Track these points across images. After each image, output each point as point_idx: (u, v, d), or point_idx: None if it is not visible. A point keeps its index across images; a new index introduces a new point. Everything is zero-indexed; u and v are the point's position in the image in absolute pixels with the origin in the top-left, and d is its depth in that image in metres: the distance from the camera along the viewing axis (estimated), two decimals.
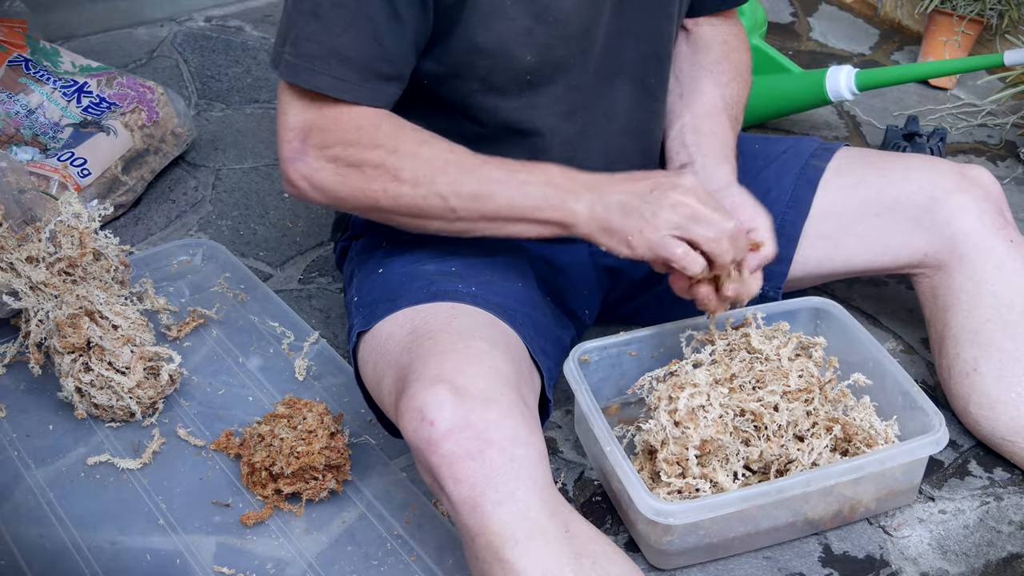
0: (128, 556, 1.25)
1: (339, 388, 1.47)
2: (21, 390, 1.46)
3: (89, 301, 1.39)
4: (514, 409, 1.08)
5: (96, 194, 1.78)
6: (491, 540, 1.03)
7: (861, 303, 1.71)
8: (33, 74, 1.88)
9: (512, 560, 1.03)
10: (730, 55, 1.45)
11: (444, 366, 1.10)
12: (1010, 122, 2.15)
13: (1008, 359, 1.36)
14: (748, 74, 1.47)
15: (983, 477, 1.43)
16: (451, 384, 1.07)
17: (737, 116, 1.42)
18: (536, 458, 1.07)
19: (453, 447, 1.04)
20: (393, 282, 1.29)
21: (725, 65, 1.43)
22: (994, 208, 1.39)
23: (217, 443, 1.38)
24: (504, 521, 1.03)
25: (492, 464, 1.04)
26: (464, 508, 1.04)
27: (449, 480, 1.04)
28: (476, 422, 1.05)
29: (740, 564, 1.30)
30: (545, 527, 1.04)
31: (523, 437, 1.06)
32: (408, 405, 1.08)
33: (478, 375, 1.09)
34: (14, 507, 1.30)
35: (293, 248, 1.81)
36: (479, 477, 1.04)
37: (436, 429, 1.05)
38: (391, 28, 1.18)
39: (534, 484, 1.05)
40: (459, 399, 1.06)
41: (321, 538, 1.28)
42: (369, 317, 1.26)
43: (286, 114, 1.22)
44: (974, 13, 2.20)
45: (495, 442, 1.05)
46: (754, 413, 1.26)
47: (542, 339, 1.29)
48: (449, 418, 1.05)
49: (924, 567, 1.31)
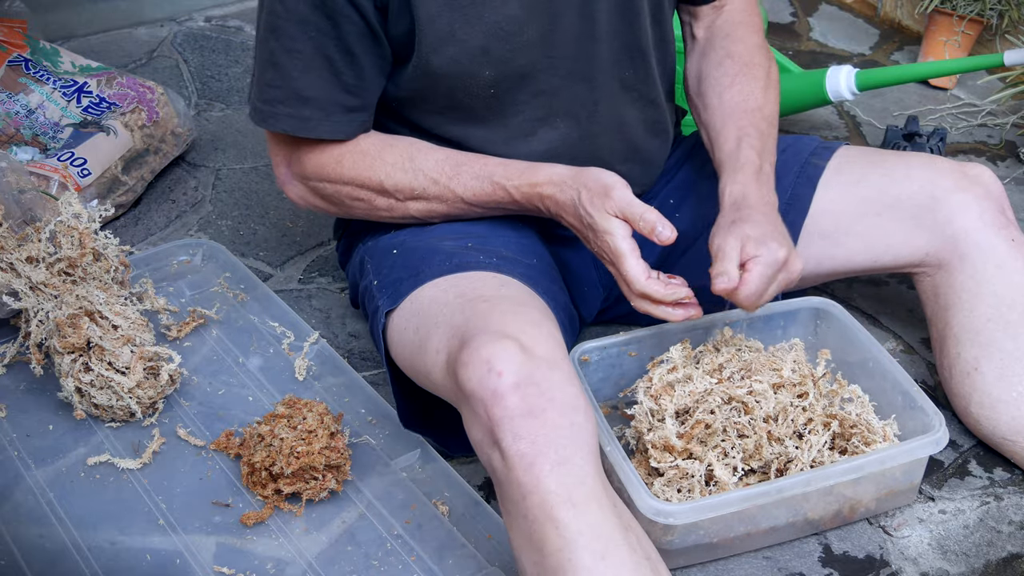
0: (128, 556, 1.25)
1: (339, 388, 1.47)
2: (21, 390, 1.46)
3: (89, 301, 1.39)
4: (574, 377, 1.10)
5: (96, 194, 1.78)
6: (545, 499, 1.03)
7: (861, 303, 1.71)
8: (33, 74, 1.88)
9: (567, 521, 1.03)
10: (731, 49, 1.43)
11: (508, 324, 1.11)
12: (1010, 122, 2.15)
13: (1009, 359, 1.36)
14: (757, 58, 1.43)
15: (983, 477, 1.43)
16: (518, 341, 1.08)
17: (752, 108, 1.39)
18: (593, 428, 1.08)
19: (518, 401, 1.05)
20: (413, 259, 1.31)
21: (727, 65, 1.42)
22: (995, 207, 1.39)
23: (217, 443, 1.38)
24: (561, 483, 1.03)
25: (553, 424, 1.05)
26: (520, 464, 1.04)
27: (508, 434, 1.05)
28: (541, 380, 1.06)
29: (740, 564, 1.30)
30: (600, 495, 1.05)
31: (582, 405, 1.08)
32: (474, 355, 1.08)
33: (540, 338, 1.11)
34: (14, 507, 1.30)
35: (293, 248, 1.81)
36: (540, 436, 1.04)
37: (503, 380, 1.06)
38: (347, 63, 1.25)
39: (590, 452, 1.06)
40: (526, 356, 1.07)
41: (321, 538, 1.28)
42: (395, 295, 1.28)
43: (271, 145, 1.36)
44: (974, 13, 2.19)
45: (557, 403, 1.06)
46: (743, 402, 1.27)
47: (563, 313, 1.31)
48: (517, 372, 1.06)
49: (924, 567, 1.31)
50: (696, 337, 1.42)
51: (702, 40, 1.46)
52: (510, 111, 1.32)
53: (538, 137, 1.34)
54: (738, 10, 1.46)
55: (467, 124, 1.32)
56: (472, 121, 1.32)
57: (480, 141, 1.33)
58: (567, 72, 1.31)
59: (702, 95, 1.43)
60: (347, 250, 1.52)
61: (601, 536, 1.03)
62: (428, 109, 1.33)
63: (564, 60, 1.30)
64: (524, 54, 1.27)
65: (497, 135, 1.33)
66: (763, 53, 1.45)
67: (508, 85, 1.29)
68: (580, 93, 1.34)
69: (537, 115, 1.33)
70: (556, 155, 1.35)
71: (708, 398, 1.27)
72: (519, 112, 1.32)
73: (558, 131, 1.35)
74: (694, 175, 1.51)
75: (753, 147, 1.33)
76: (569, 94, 1.33)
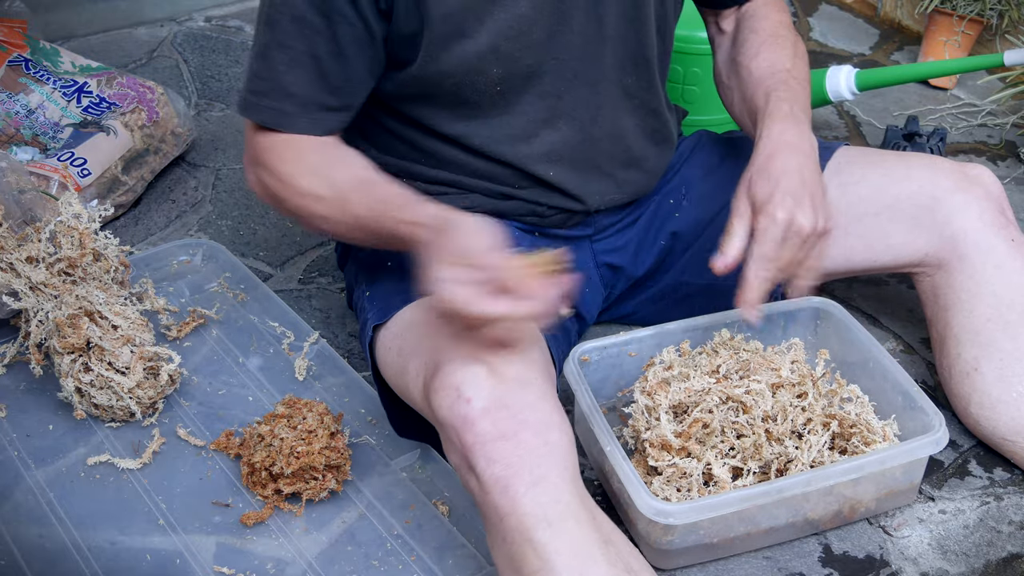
0: (128, 556, 1.24)
1: (339, 388, 1.47)
2: (21, 390, 1.46)
3: (89, 301, 1.39)
4: (548, 395, 1.09)
5: (96, 194, 1.78)
6: (522, 521, 1.03)
7: (861, 303, 1.71)
8: (33, 74, 1.88)
9: (544, 542, 1.03)
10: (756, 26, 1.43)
11: (479, 347, 1.10)
12: (1010, 122, 2.15)
13: (1009, 359, 1.36)
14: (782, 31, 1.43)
15: (983, 477, 1.43)
16: (488, 365, 1.07)
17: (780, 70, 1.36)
18: (568, 444, 1.07)
19: (488, 426, 1.05)
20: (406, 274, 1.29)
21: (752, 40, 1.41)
22: (995, 207, 1.39)
23: (217, 443, 1.38)
24: (537, 503, 1.03)
25: (527, 446, 1.04)
26: (495, 488, 1.04)
27: (482, 459, 1.04)
28: (512, 403, 1.06)
29: (740, 564, 1.30)
30: (577, 511, 1.04)
31: (557, 422, 1.07)
32: (444, 382, 1.08)
33: (513, 359, 1.10)
34: (14, 507, 1.30)
35: (293, 248, 1.81)
36: (513, 458, 1.04)
37: (472, 407, 1.05)
38: (336, 64, 1.24)
39: (565, 469, 1.05)
40: (496, 379, 1.06)
41: (321, 538, 1.28)
42: (384, 310, 1.28)
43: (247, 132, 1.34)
44: (974, 13, 2.19)
45: (530, 424, 1.05)
46: (740, 401, 1.27)
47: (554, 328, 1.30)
48: (486, 397, 1.05)
49: (924, 567, 1.31)
50: (696, 337, 1.42)
51: (729, 32, 1.46)
52: (515, 110, 1.32)
53: (540, 138, 1.34)
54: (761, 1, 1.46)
55: (470, 121, 1.32)
56: (476, 119, 1.32)
57: (483, 140, 1.33)
58: (572, 75, 1.32)
59: (731, 77, 1.43)
60: (345, 252, 1.52)
61: (579, 554, 1.03)
62: (432, 107, 1.32)
63: (570, 62, 1.30)
64: (532, 53, 1.27)
65: (500, 133, 1.33)
66: (788, 28, 1.44)
67: (514, 84, 1.29)
68: (584, 97, 1.34)
69: (541, 116, 1.33)
70: (557, 157, 1.35)
71: (706, 397, 1.27)
72: (523, 112, 1.32)
73: (560, 133, 1.35)
74: (694, 175, 1.51)
75: (781, 98, 1.31)
76: (573, 97, 1.33)
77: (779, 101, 1.31)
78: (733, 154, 1.51)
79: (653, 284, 1.51)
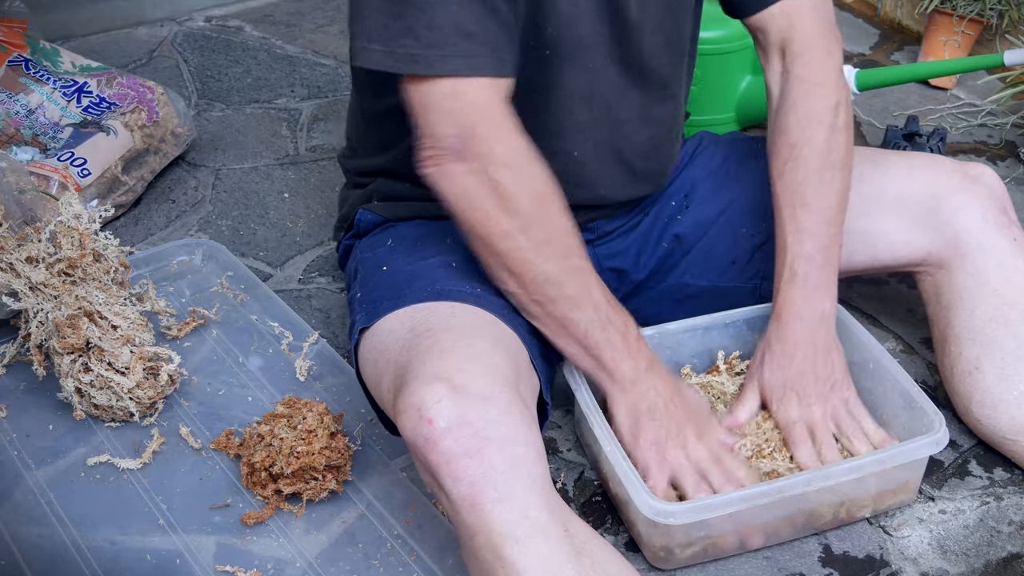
0: (128, 556, 1.25)
1: (339, 388, 1.47)
2: (21, 390, 1.46)
3: (88, 302, 1.39)
4: (513, 407, 1.07)
5: (96, 194, 1.78)
6: (491, 538, 1.03)
7: (861, 303, 1.71)
8: (33, 74, 1.88)
9: (513, 558, 1.02)
10: (784, 123, 1.35)
11: (442, 363, 1.10)
12: (1010, 122, 2.15)
13: (1010, 358, 1.36)
14: (809, 131, 1.33)
15: (983, 477, 1.43)
16: (449, 382, 1.07)
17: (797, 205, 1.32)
18: (535, 457, 1.06)
19: (451, 445, 1.04)
20: (398, 280, 1.29)
21: (778, 145, 1.34)
22: (997, 206, 1.39)
23: (217, 443, 1.38)
24: (504, 519, 1.03)
25: (491, 462, 1.04)
26: (463, 506, 1.04)
27: (448, 478, 1.04)
28: (474, 420, 1.05)
29: (740, 564, 1.30)
30: (545, 525, 1.04)
31: (522, 435, 1.06)
32: (406, 403, 1.07)
33: (477, 373, 1.09)
34: (14, 507, 1.30)
35: (293, 248, 1.81)
36: (478, 475, 1.03)
37: (434, 427, 1.04)
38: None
39: (533, 483, 1.05)
40: (457, 396, 1.06)
41: (321, 538, 1.28)
42: (372, 314, 1.26)
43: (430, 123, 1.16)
44: (974, 13, 2.19)
45: (494, 440, 1.04)
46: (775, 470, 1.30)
47: (541, 342, 1.29)
48: (447, 416, 1.05)
49: (924, 567, 1.31)
50: (695, 337, 1.42)
51: (777, 73, 1.37)
52: (555, 81, 1.28)
53: (574, 117, 1.31)
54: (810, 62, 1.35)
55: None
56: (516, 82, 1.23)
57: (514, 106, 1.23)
58: (608, 52, 1.29)
59: (772, 155, 1.37)
60: (346, 251, 1.52)
61: (549, 570, 1.02)
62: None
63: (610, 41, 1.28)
64: (586, 20, 1.24)
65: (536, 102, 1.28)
66: (818, 121, 1.33)
67: (563, 49, 1.26)
68: (615, 76, 1.32)
69: (579, 92, 1.30)
70: (582, 135, 1.33)
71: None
72: (562, 85, 1.29)
73: (592, 113, 1.32)
74: (696, 176, 1.51)
75: (791, 251, 1.31)
76: (607, 75, 1.31)
77: (788, 256, 1.31)
78: (734, 155, 1.51)
79: (654, 286, 1.51)
